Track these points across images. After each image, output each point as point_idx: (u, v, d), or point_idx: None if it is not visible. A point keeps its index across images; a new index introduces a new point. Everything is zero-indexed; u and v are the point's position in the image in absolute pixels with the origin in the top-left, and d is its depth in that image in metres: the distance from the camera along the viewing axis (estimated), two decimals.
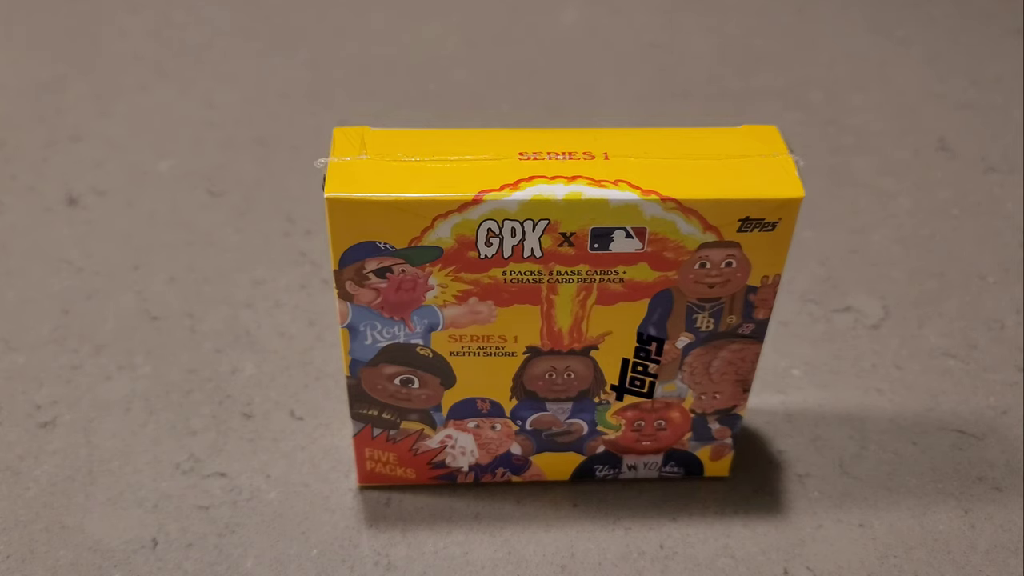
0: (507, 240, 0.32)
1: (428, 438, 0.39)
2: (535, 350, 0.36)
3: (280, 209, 0.56)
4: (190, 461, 0.42)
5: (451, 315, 0.34)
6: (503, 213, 0.31)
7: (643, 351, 0.36)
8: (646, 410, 0.38)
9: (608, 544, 0.39)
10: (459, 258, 0.33)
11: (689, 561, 0.38)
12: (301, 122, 0.63)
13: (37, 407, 0.44)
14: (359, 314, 0.34)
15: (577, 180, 0.31)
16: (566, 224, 0.32)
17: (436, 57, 0.69)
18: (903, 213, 0.56)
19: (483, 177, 0.31)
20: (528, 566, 0.38)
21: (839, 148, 0.61)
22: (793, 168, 0.33)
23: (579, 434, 0.39)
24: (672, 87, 0.67)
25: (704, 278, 0.34)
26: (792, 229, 0.33)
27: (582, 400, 0.38)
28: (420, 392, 0.37)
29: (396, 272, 0.33)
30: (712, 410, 0.38)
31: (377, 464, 0.40)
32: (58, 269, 0.52)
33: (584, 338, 0.35)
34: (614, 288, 0.34)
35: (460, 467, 0.40)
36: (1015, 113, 0.64)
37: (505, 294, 0.34)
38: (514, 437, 0.39)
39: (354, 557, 0.38)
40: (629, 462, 0.40)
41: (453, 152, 0.32)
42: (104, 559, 0.38)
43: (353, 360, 0.36)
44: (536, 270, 0.33)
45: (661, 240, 0.32)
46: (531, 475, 0.40)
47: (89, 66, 0.68)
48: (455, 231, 0.32)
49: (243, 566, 0.38)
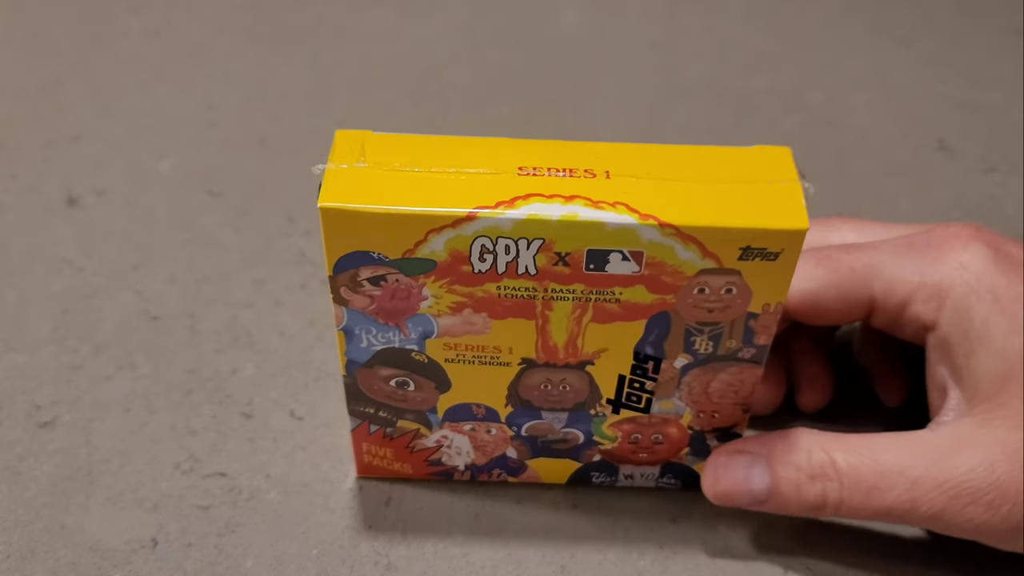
0: (501, 257, 0.32)
1: (424, 437, 0.39)
2: (530, 362, 0.35)
3: (280, 209, 0.56)
4: (190, 461, 0.42)
5: (445, 324, 0.34)
6: (497, 231, 0.31)
7: (640, 369, 0.35)
8: (643, 424, 0.38)
9: (608, 544, 0.39)
10: (453, 271, 0.32)
11: (689, 561, 0.38)
12: (301, 122, 0.63)
13: (37, 407, 0.44)
14: (354, 318, 0.34)
15: (575, 200, 0.31)
16: (561, 244, 0.31)
17: (436, 57, 0.69)
18: (903, 213, 0.56)
19: (480, 192, 0.31)
20: (528, 566, 0.38)
21: (839, 148, 0.61)
22: (801, 197, 0.31)
23: (575, 443, 0.39)
24: (672, 87, 0.67)
25: (703, 303, 0.33)
26: (796, 260, 0.31)
27: (578, 411, 0.37)
28: (416, 394, 0.37)
29: (390, 281, 0.33)
30: (711, 428, 0.38)
31: (375, 458, 0.40)
32: (58, 269, 0.52)
33: (580, 353, 0.35)
34: (610, 308, 0.33)
35: (456, 466, 0.40)
36: (1015, 113, 0.64)
37: (499, 308, 0.33)
38: (510, 442, 0.39)
39: (354, 557, 0.38)
40: (626, 471, 0.40)
41: (452, 163, 0.32)
42: (104, 559, 0.38)
43: (349, 360, 0.36)
44: (531, 286, 0.32)
45: (658, 264, 0.32)
46: (527, 477, 0.40)
47: (89, 66, 0.68)
48: (448, 245, 0.31)
49: (243, 566, 0.38)
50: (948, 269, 0.35)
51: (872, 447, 0.35)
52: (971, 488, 0.33)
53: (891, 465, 0.34)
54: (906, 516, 0.34)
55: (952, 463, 0.33)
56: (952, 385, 0.35)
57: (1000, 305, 0.34)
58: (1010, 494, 0.32)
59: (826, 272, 0.37)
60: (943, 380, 0.36)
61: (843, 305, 0.37)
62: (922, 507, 0.34)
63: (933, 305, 0.35)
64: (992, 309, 0.34)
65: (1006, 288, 0.34)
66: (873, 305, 0.37)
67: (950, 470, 0.33)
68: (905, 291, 0.36)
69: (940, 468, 0.33)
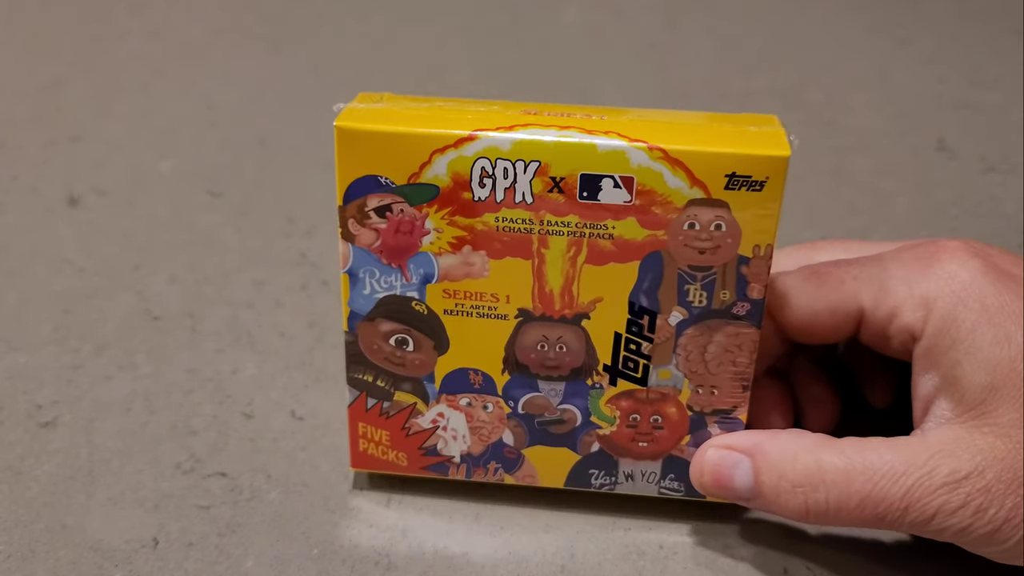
0: (499, 181, 0.34)
1: (421, 415, 0.39)
2: (527, 314, 0.37)
3: (280, 209, 0.56)
4: (190, 461, 0.42)
5: (446, 265, 0.36)
6: (496, 151, 0.34)
7: (635, 325, 0.36)
8: (641, 400, 0.38)
9: (608, 544, 0.39)
10: (454, 199, 0.35)
11: (689, 561, 0.38)
12: (301, 122, 0.63)
13: (38, 407, 0.44)
14: (360, 258, 0.36)
15: (570, 129, 0.34)
16: (556, 168, 0.34)
17: (436, 57, 0.69)
18: (903, 213, 0.56)
19: (483, 121, 0.35)
20: (528, 566, 0.38)
21: (839, 148, 0.61)
22: (783, 135, 0.34)
23: (572, 424, 0.39)
24: (672, 87, 0.67)
25: (694, 241, 0.35)
26: (781, 192, 0.33)
27: (575, 381, 0.38)
28: (414, 356, 0.38)
29: (396, 212, 0.35)
30: (710, 409, 0.38)
31: (370, 444, 0.40)
32: (59, 269, 0.52)
33: (575, 303, 0.36)
34: (604, 246, 0.35)
35: (452, 455, 0.40)
36: (1015, 113, 0.64)
37: (497, 243, 0.35)
38: (506, 422, 0.39)
39: (354, 557, 0.38)
40: (625, 468, 0.40)
41: (462, 104, 0.36)
42: (105, 559, 0.38)
43: (352, 312, 0.37)
44: (527, 218, 0.35)
45: (649, 193, 0.34)
46: (524, 475, 0.40)
47: (89, 66, 0.68)
48: (451, 168, 0.34)
49: (243, 566, 0.38)
50: (936, 279, 0.35)
51: (863, 451, 0.35)
52: (962, 494, 0.33)
53: (883, 470, 0.34)
54: (895, 522, 0.34)
55: (944, 469, 0.33)
56: (938, 395, 0.35)
57: (988, 315, 0.34)
58: (996, 500, 0.33)
59: (816, 286, 0.38)
60: (928, 391, 0.36)
61: (834, 319, 0.38)
62: (912, 513, 0.34)
63: (921, 315, 0.35)
64: (980, 318, 0.34)
65: (993, 298, 0.34)
66: (862, 317, 0.37)
67: (943, 477, 0.33)
68: (894, 302, 0.36)
69: (933, 476, 0.33)
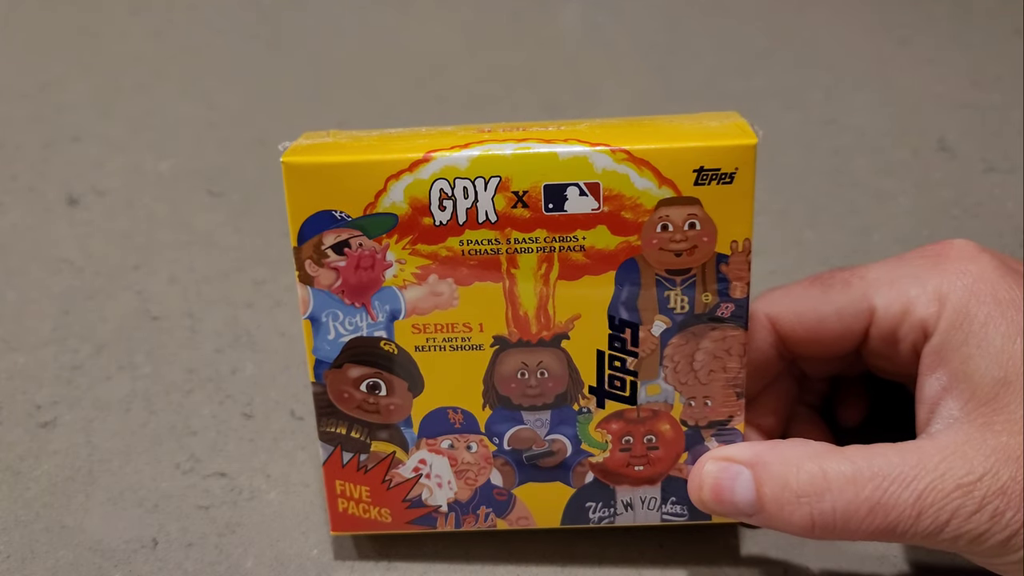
0: (460, 202, 0.33)
1: (401, 464, 0.37)
2: (503, 341, 0.35)
3: (280, 209, 0.55)
4: (190, 461, 0.42)
5: (412, 298, 0.34)
6: (454, 171, 0.32)
7: (618, 340, 0.35)
8: (632, 420, 0.36)
9: (608, 544, 0.39)
10: (415, 226, 0.33)
11: (689, 561, 0.38)
12: (301, 122, 0.63)
13: (37, 407, 0.44)
14: (320, 301, 0.35)
15: (527, 141, 0.33)
16: (517, 181, 0.33)
17: (436, 57, 0.69)
18: (903, 213, 0.56)
19: (437, 143, 0.33)
20: (528, 566, 0.38)
21: (839, 148, 0.61)
22: (747, 126, 0.33)
23: (563, 454, 0.37)
24: (672, 87, 0.67)
25: (669, 243, 0.33)
26: (752, 182, 0.32)
27: (561, 407, 0.36)
28: (388, 401, 0.36)
29: (354, 247, 0.34)
30: (706, 421, 0.36)
31: (350, 503, 0.38)
32: (58, 269, 0.52)
33: (552, 323, 0.35)
34: (576, 259, 0.34)
35: (439, 505, 0.38)
36: (1015, 113, 0.64)
37: (464, 269, 0.34)
38: (492, 461, 0.37)
39: (354, 557, 0.38)
40: (623, 497, 0.38)
41: (416, 131, 0.35)
42: (104, 559, 0.38)
43: (318, 361, 0.35)
44: (493, 238, 0.33)
45: (617, 198, 0.33)
46: (517, 517, 0.38)
47: (89, 66, 0.68)
48: (408, 193, 0.33)
49: (243, 566, 0.38)
50: (948, 274, 0.35)
51: (870, 457, 0.33)
52: (978, 497, 0.31)
53: (892, 475, 0.32)
54: (907, 531, 0.32)
55: (957, 471, 0.32)
56: (945, 395, 0.34)
57: (1000, 308, 0.33)
58: (1014, 501, 0.31)
59: (821, 290, 0.37)
60: (935, 391, 0.34)
61: (841, 323, 0.36)
62: (925, 519, 0.32)
63: (935, 309, 0.34)
64: (992, 312, 0.33)
65: (1006, 292, 0.34)
66: (872, 318, 0.36)
67: (956, 479, 0.32)
68: (907, 297, 0.35)
69: (945, 479, 0.32)
